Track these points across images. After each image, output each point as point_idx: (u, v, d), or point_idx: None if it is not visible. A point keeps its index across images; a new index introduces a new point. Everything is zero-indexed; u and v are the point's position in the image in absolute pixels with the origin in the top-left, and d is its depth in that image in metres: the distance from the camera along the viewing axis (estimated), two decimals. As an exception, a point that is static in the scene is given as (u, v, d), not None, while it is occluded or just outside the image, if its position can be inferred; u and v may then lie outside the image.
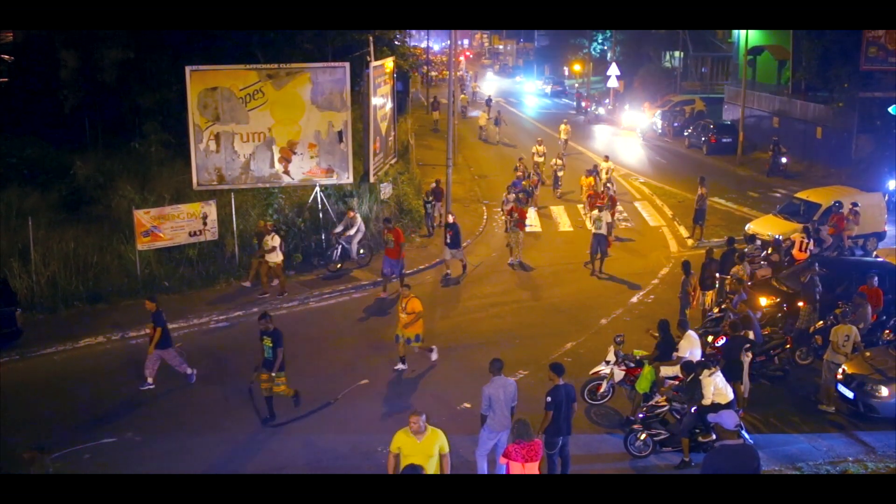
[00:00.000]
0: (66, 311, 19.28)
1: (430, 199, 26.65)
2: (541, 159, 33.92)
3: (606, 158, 31.42)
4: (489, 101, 53.88)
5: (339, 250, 22.58)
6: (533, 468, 10.29)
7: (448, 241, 22.19)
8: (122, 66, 31.37)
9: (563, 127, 41.61)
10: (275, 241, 20.20)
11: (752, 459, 8.06)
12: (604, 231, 22.50)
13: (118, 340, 18.12)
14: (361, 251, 23.13)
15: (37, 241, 20.10)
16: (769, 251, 21.53)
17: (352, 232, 22.62)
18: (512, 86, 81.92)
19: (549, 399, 11.59)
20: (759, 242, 23.88)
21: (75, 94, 31.30)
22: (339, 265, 22.55)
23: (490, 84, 77.03)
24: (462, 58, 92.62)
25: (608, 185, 28.94)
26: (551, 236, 26.96)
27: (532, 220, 27.65)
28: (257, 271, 20.91)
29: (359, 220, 22.93)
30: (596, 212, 23.23)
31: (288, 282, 21.12)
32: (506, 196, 25.64)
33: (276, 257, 20.30)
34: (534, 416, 11.14)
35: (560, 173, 32.46)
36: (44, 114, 31.82)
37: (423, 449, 9.96)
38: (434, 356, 16.83)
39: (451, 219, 22.49)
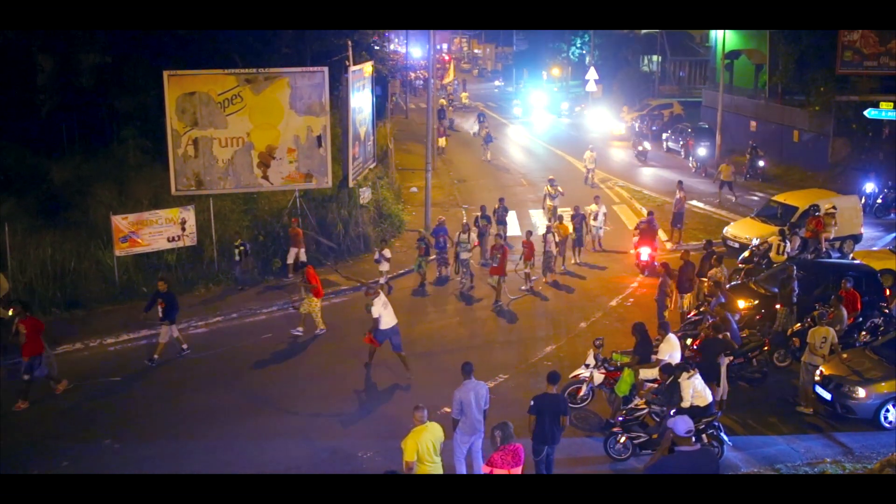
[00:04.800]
0: (43, 317, 18.94)
1: (241, 245, 21.65)
2: (552, 203, 27.91)
3: (596, 200, 25.80)
4: (481, 116, 49.45)
5: None
6: (517, 472, 10.23)
7: (160, 314, 17.14)
8: (100, 70, 31.12)
9: (588, 154, 34.63)
10: None
11: (709, 464, 8.00)
12: (388, 323, 15.91)
13: (96, 347, 18.00)
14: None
15: (13, 247, 19.92)
16: (747, 254, 21.73)
17: None
18: (492, 91, 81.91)
19: (531, 403, 11.59)
20: (737, 246, 24.06)
21: (52, 98, 31.00)
22: None
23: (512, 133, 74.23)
24: (446, 58, 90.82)
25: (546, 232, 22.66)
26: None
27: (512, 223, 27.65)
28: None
29: None
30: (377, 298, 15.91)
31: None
32: (379, 252, 21.50)
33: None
34: (513, 419, 11.13)
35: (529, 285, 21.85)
36: (20, 118, 31.47)
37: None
38: None
39: (162, 286, 17.26)
